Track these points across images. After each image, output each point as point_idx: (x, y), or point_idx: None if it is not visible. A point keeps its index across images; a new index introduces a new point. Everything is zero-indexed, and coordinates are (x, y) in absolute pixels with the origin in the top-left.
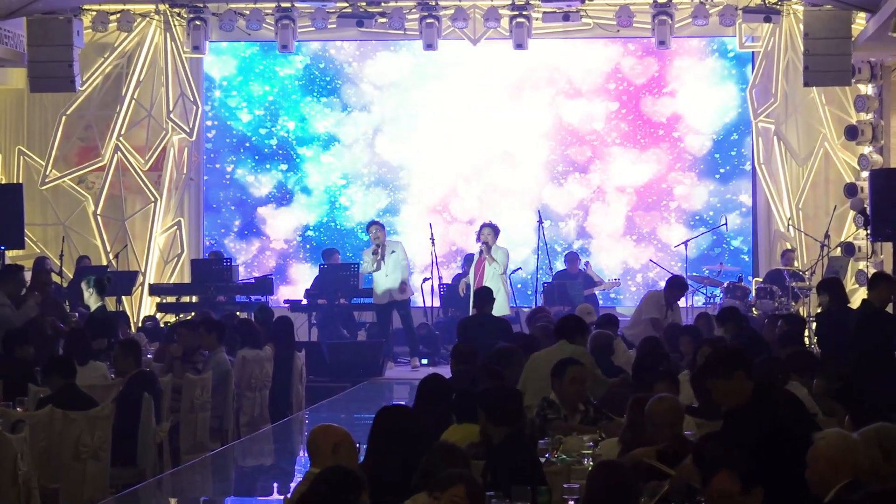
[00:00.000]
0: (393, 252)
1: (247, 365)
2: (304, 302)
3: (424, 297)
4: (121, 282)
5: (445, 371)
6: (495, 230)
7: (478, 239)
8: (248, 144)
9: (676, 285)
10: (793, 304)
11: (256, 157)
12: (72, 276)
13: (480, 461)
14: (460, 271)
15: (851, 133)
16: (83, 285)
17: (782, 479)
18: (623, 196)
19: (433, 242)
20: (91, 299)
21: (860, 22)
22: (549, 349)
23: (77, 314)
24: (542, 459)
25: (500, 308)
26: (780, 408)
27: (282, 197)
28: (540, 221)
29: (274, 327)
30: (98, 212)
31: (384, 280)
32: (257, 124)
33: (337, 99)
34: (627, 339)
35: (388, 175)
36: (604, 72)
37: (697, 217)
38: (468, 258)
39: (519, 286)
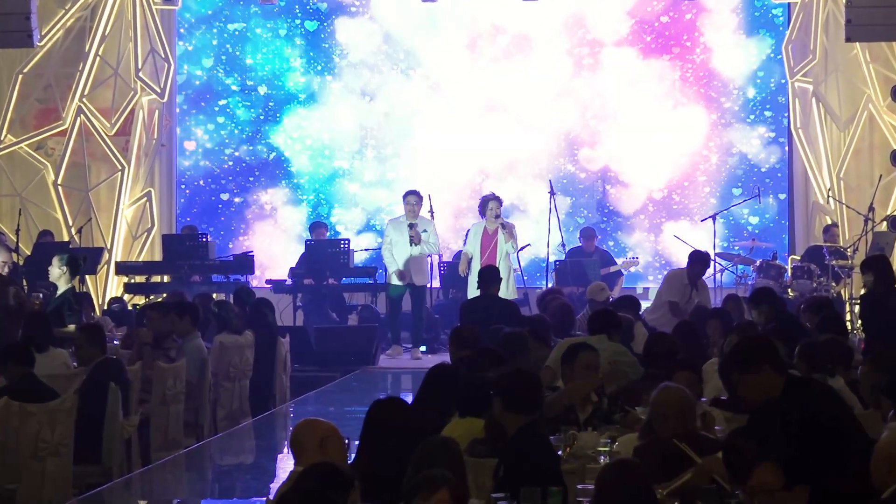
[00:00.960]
0: (424, 231)
1: (225, 352)
2: (289, 282)
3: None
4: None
5: (446, 358)
6: (501, 203)
7: (481, 214)
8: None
9: (698, 260)
10: (833, 284)
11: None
12: (29, 253)
13: (485, 459)
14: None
15: None
16: (55, 261)
17: (822, 477)
18: (647, 164)
19: (432, 215)
20: (62, 279)
21: None
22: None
23: (41, 295)
24: None
25: (508, 293)
26: (814, 401)
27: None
28: (552, 192)
29: (255, 310)
30: (59, 181)
31: (410, 262)
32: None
33: (325, 56)
34: (649, 323)
35: (380, 140)
36: (626, 24)
37: (729, 187)
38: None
39: (528, 265)
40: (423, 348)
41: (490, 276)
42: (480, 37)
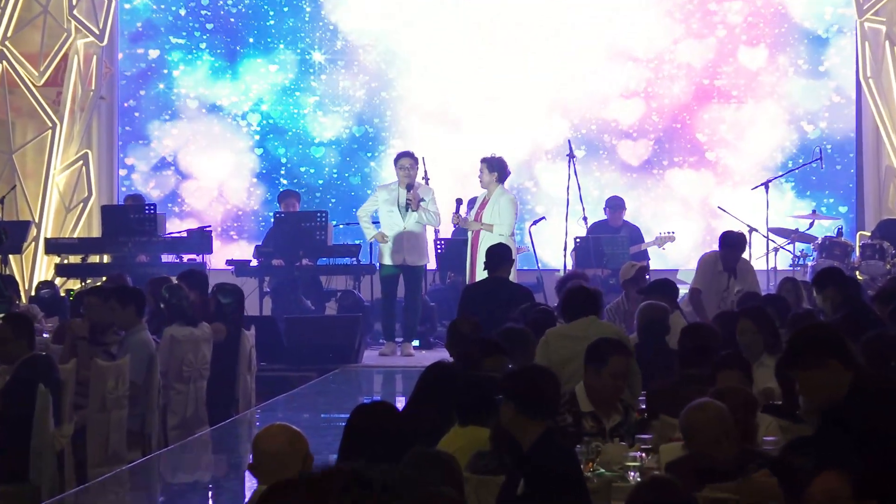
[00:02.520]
0: (421, 200)
1: (176, 347)
2: (254, 263)
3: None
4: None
5: (444, 355)
6: (491, 166)
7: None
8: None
9: (729, 244)
10: None
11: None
12: None
13: (490, 476)
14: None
15: None
16: None
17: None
18: (687, 120)
19: (427, 182)
20: None
21: None
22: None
23: None
24: None
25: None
26: (886, 402)
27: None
28: (571, 154)
29: (213, 297)
30: None
31: (403, 237)
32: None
33: None
34: (687, 315)
35: (374, 90)
36: None
37: (783, 150)
38: (473, 202)
39: (543, 242)
40: (415, 343)
41: (498, 255)
42: None
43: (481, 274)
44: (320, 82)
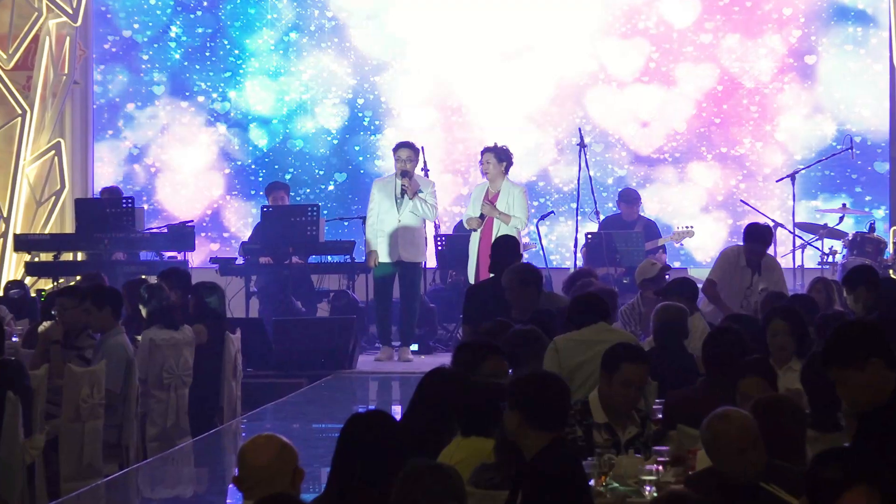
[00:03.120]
0: (420, 192)
1: (157, 352)
2: (240, 261)
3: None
4: None
5: (444, 360)
6: (500, 156)
7: (483, 173)
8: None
9: (756, 236)
10: None
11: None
12: None
13: (494, 491)
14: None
15: None
16: None
17: None
18: (702, 100)
19: (426, 174)
20: None
21: None
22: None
23: None
24: None
25: None
26: None
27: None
28: (581, 144)
29: (196, 297)
30: None
31: (398, 232)
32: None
33: None
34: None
35: (366, 74)
36: None
37: (812, 140)
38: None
39: (553, 238)
40: (414, 347)
41: (506, 247)
42: None
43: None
44: (306, 65)
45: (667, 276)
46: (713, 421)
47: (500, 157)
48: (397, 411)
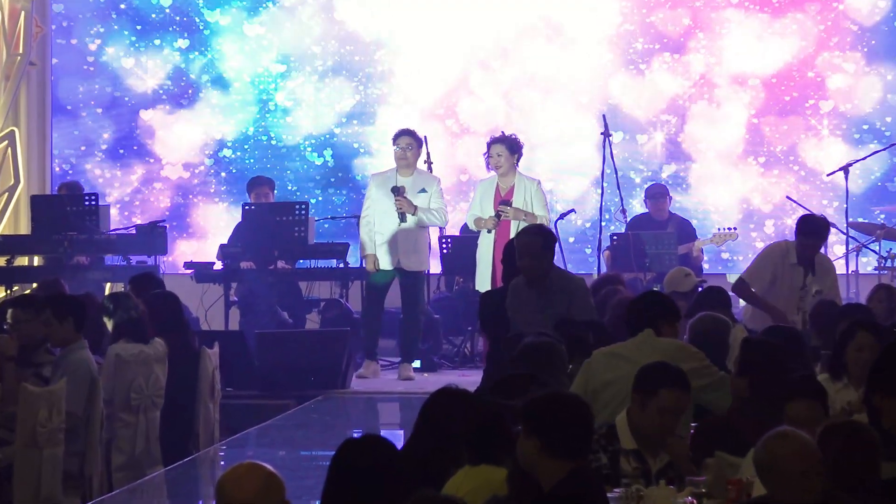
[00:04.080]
0: (423, 191)
1: (124, 369)
2: (219, 266)
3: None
4: None
5: (451, 378)
6: (512, 147)
7: (487, 165)
8: (123, 6)
9: (810, 229)
10: None
11: (138, 28)
12: None
13: None
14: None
15: None
16: None
17: None
18: (743, 92)
19: (430, 168)
20: None
21: None
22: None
23: None
24: None
25: None
26: None
27: (180, 94)
28: (606, 133)
29: (168, 307)
30: None
31: (398, 236)
32: None
33: None
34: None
35: (355, 58)
36: None
37: (865, 126)
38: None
39: (571, 240)
40: (416, 363)
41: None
42: None
43: None
44: (283, 40)
45: (699, 288)
46: (771, 441)
47: (511, 148)
48: (399, 436)
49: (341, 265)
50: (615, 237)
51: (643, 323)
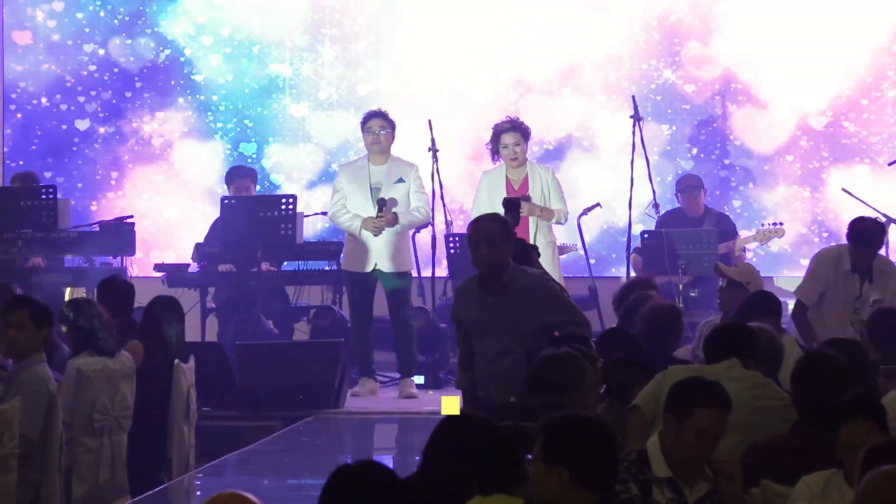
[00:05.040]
0: (400, 181)
1: (86, 387)
2: (194, 268)
3: (419, 260)
4: None
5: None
6: (526, 134)
7: (494, 154)
8: None
9: (864, 234)
10: None
11: None
12: None
13: None
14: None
15: None
16: None
17: None
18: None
19: (435, 157)
20: None
21: None
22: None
23: None
24: None
25: None
26: None
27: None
28: (636, 117)
29: (147, 313)
30: None
31: (379, 237)
32: None
33: None
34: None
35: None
36: None
37: None
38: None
39: (598, 238)
40: (418, 379)
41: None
42: None
43: None
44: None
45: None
46: (879, 480)
47: (526, 135)
48: (399, 462)
49: (334, 267)
50: (646, 235)
51: (730, 351)
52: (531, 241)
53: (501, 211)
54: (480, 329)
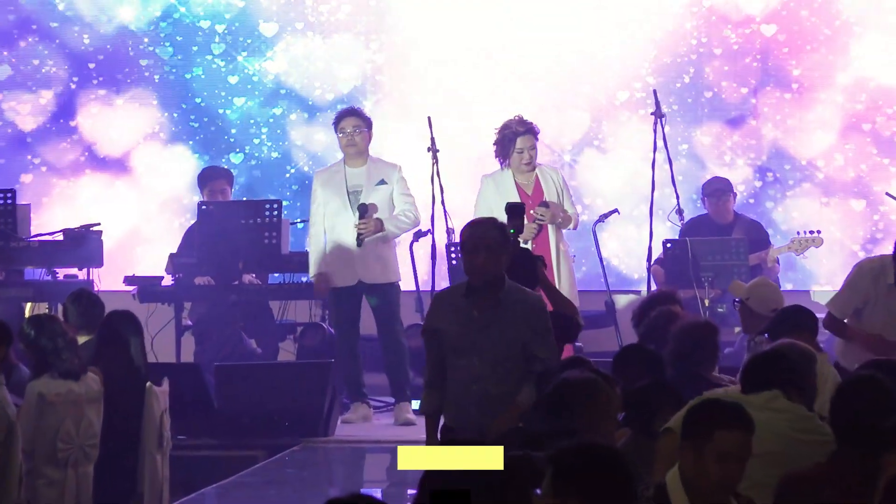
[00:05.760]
0: (382, 183)
1: (48, 413)
2: (168, 281)
3: (417, 270)
4: None
5: None
6: (537, 136)
7: (502, 157)
8: None
9: None
10: None
11: None
12: None
13: None
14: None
15: None
16: None
17: None
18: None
19: (435, 158)
20: None
21: None
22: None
23: None
24: None
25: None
26: None
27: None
28: (659, 114)
29: (107, 333)
30: None
31: (354, 240)
32: None
33: None
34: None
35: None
36: None
37: None
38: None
39: (614, 247)
40: (415, 404)
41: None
42: None
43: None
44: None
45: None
46: None
47: (537, 137)
48: (392, 495)
49: None
50: (669, 244)
51: (766, 382)
52: (553, 252)
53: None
54: (461, 345)
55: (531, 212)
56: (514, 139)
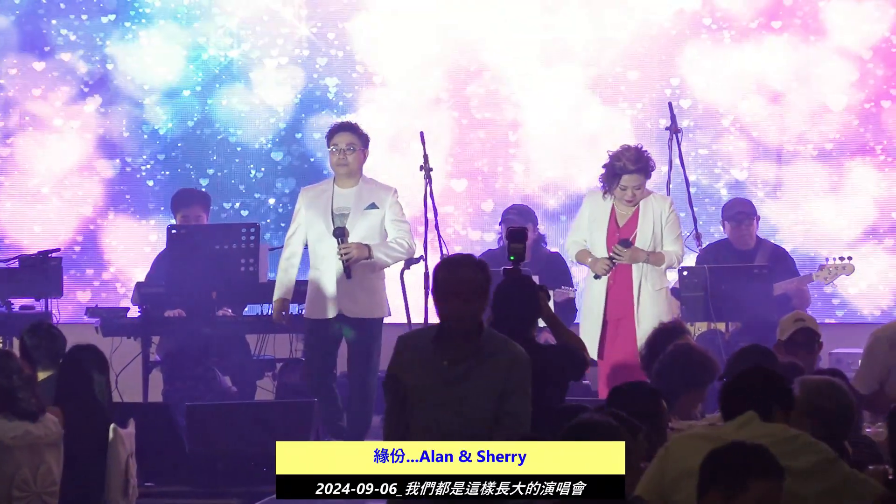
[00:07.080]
0: (372, 207)
1: (4, 457)
2: (135, 313)
3: (409, 301)
4: None
5: None
6: (650, 173)
7: (606, 183)
8: None
9: None
10: None
11: None
12: None
13: None
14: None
15: None
16: None
17: None
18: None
19: (429, 177)
20: None
21: None
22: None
23: None
24: None
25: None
26: None
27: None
28: (673, 127)
29: (68, 370)
30: None
31: (340, 272)
32: None
33: None
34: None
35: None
36: None
37: None
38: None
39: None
40: None
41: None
42: None
43: None
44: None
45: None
46: None
47: (650, 175)
48: None
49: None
50: (685, 272)
51: (747, 403)
52: (634, 290)
53: (601, 246)
54: (429, 400)
55: (612, 246)
56: (621, 176)
